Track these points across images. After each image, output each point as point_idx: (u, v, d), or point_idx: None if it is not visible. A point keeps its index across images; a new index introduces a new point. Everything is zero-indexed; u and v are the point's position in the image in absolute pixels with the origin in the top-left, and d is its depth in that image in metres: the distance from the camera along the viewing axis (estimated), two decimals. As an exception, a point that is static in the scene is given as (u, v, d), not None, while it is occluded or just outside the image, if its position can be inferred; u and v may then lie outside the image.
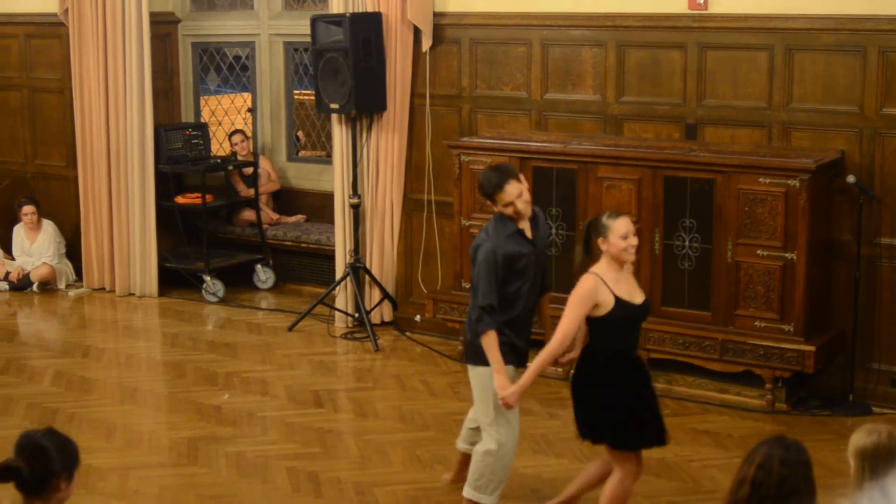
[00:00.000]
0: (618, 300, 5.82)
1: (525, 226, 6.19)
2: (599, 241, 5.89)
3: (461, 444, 6.75)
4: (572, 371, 6.13)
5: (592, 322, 5.91)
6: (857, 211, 7.86)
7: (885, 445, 4.12)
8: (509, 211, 6.13)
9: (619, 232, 5.85)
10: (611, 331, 5.87)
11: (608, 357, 5.91)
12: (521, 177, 6.24)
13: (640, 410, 5.94)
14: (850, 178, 7.82)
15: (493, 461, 6.22)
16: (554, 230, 8.52)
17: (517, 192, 6.12)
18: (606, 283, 5.82)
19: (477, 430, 6.48)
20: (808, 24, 8.00)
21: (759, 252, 7.81)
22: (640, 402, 5.95)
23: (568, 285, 8.41)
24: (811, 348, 7.70)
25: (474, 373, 6.29)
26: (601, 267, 5.89)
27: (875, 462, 4.11)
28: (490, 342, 6.11)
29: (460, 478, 6.60)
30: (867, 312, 8.00)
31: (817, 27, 7.97)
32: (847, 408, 7.94)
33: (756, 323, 7.88)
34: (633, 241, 5.89)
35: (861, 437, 4.18)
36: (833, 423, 7.75)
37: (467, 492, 6.29)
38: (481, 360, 6.20)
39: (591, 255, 5.98)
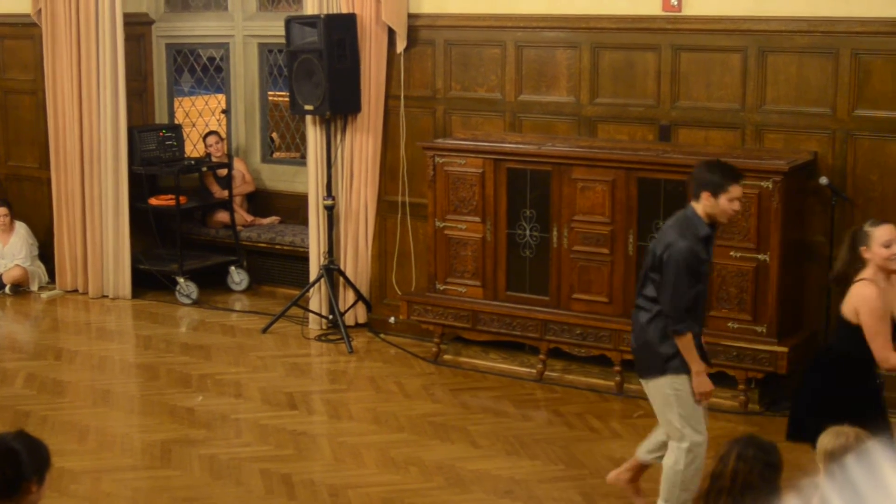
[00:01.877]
0: None
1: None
2: (863, 249, 5.83)
3: (642, 454, 6.43)
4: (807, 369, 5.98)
5: (853, 328, 5.80)
6: (830, 212, 7.89)
7: (854, 448, 4.14)
8: (734, 207, 6.04)
9: (881, 240, 5.77)
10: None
11: (858, 365, 5.83)
12: None
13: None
14: (823, 180, 7.85)
15: (684, 471, 6.05)
16: (528, 232, 8.53)
17: (741, 194, 6.09)
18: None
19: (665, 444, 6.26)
20: (781, 26, 8.03)
21: (732, 254, 7.83)
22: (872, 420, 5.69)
23: (541, 287, 8.47)
24: (784, 349, 7.72)
25: (652, 385, 6.12)
26: (868, 273, 5.81)
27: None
28: (688, 344, 6.00)
29: (624, 481, 6.45)
30: (838, 314, 8.01)
31: (790, 29, 8.00)
32: (820, 409, 7.96)
33: (729, 324, 7.90)
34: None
35: (829, 439, 4.20)
36: (806, 424, 7.77)
37: None
38: (657, 369, 6.06)
39: (854, 264, 5.91)
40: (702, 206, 6.05)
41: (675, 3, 8.37)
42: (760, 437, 4.22)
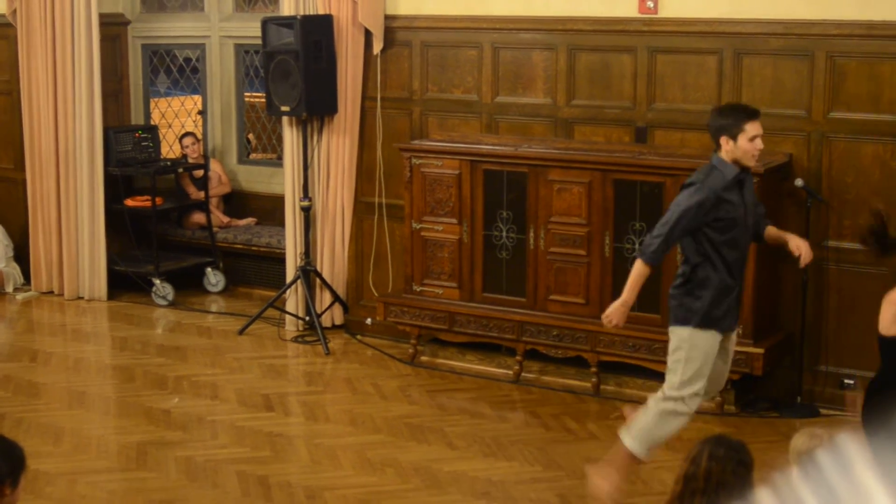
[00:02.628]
0: None
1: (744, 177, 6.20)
2: None
3: None
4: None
5: None
6: (805, 214, 7.92)
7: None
8: (756, 146, 6.17)
9: None
10: None
11: None
12: None
13: None
14: (798, 182, 7.88)
15: (661, 422, 6.24)
16: (505, 233, 8.54)
17: (760, 131, 6.23)
18: None
19: None
20: (757, 29, 8.06)
21: (708, 255, 7.84)
22: None
23: (518, 289, 8.47)
24: (760, 351, 7.74)
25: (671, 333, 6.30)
26: None
27: None
28: (636, 273, 6.18)
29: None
30: (815, 315, 8.06)
31: (766, 31, 8.03)
32: (795, 410, 8.00)
33: (705, 325, 7.90)
34: None
35: (803, 441, 4.21)
36: (781, 425, 7.80)
37: (624, 436, 6.30)
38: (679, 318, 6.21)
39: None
40: (724, 152, 6.19)
41: (651, 5, 8.39)
42: (729, 437, 4.24)
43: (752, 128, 6.17)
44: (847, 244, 7.93)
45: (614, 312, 6.23)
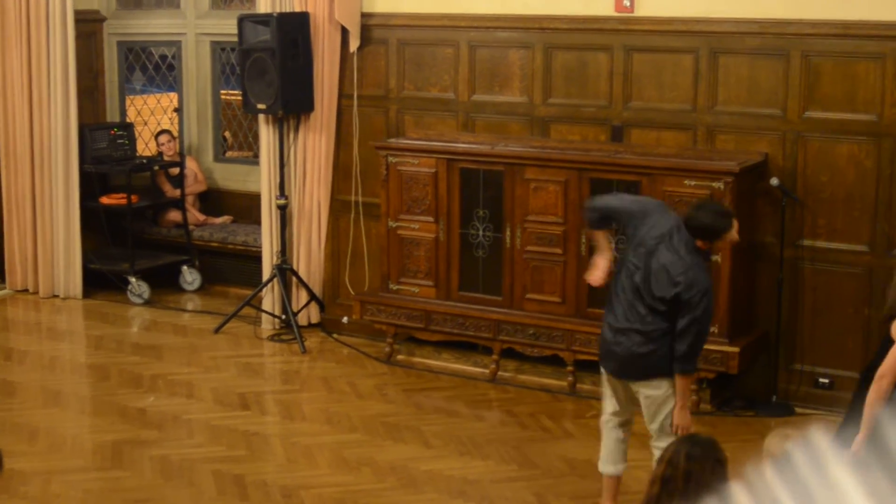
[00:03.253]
0: None
1: None
2: None
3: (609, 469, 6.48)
4: None
5: None
6: (781, 213, 7.95)
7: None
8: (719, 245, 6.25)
9: None
10: None
11: None
12: None
13: None
14: (774, 181, 7.91)
15: None
16: (481, 232, 8.54)
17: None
18: None
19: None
20: (733, 28, 8.07)
21: (684, 254, 7.85)
22: None
23: (494, 287, 8.47)
24: (735, 349, 7.76)
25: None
26: None
27: None
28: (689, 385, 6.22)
29: None
30: (790, 314, 8.09)
31: (741, 31, 8.05)
32: (771, 408, 8.03)
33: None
34: None
35: (775, 443, 4.21)
36: (757, 424, 7.83)
37: None
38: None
39: None
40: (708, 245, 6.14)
41: (628, 4, 8.40)
42: (701, 435, 4.25)
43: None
44: (822, 243, 7.96)
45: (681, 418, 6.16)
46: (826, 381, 8.04)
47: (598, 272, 6.36)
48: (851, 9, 7.72)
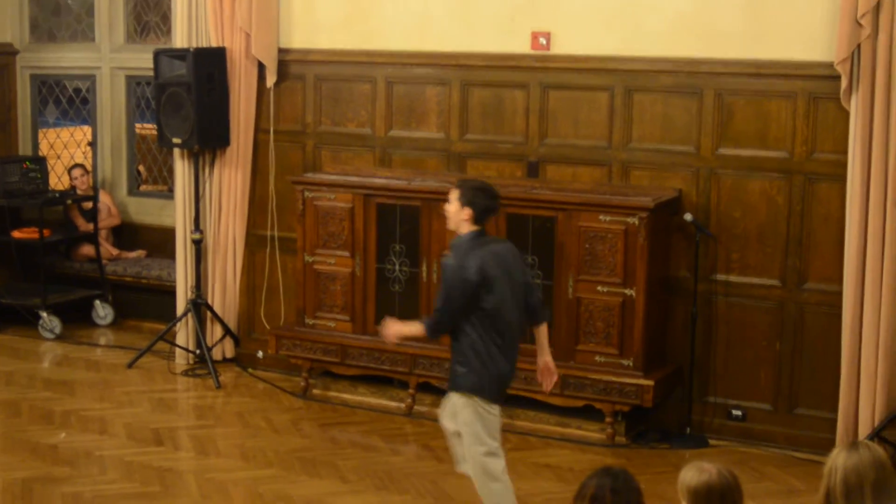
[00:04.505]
0: None
1: None
2: None
3: None
4: None
5: None
6: (694, 248, 8.04)
7: (717, 484, 4.17)
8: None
9: None
10: None
11: None
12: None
13: None
14: (687, 216, 8.01)
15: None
16: (397, 266, 8.54)
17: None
18: None
19: None
20: (647, 66, 8.18)
21: (599, 288, 7.93)
22: None
23: (412, 320, 8.46)
24: (650, 382, 7.83)
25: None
26: None
27: (709, 502, 4.16)
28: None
29: None
30: (704, 347, 8.18)
31: (656, 69, 8.16)
32: (685, 441, 8.09)
33: (596, 358, 7.99)
34: None
35: (692, 476, 4.20)
36: (672, 456, 7.89)
37: None
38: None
39: None
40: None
41: (544, 42, 8.49)
42: (618, 467, 4.26)
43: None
44: (735, 278, 8.06)
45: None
46: (739, 413, 8.13)
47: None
48: (763, 48, 7.86)
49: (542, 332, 6.46)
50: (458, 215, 6.26)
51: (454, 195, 6.28)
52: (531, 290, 6.35)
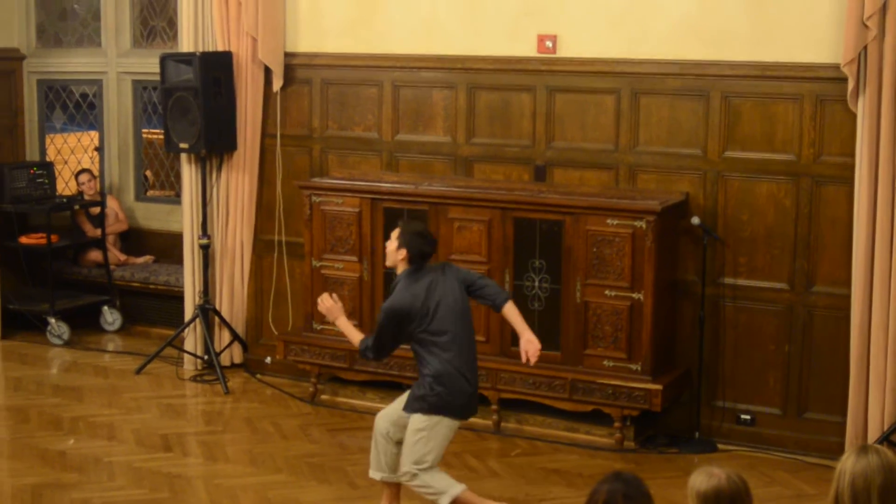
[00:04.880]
0: None
1: None
2: None
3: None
4: None
5: None
6: (702, 251, 8.03)
7: (727, 489, 4.16)
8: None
9: None
10: None
11: None
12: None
13: None
14: (695, 220, 7.99)
15: None
16: (405, 271, 8.53)
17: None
18: None
19: None
20: (654, 69, 8.17)
21: (606, 292, 7.92)
22: None
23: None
24: (658, 387, 7.82)
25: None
26: None
27: None
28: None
29: None
30: (712, 351, 8.16)
31: (662, 72, 8.15)
32: (694, 445, 8.08)
33: (604, 362, 7.98)
34: None
35: (701, 481, 4.19)
36: (680, 461, 7.88)
37: None
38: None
39: None
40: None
41: (550, 45, 8.48)
42: (628, 472, 4.25)
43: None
44: (743, 281, 8.05)
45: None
46: (748, 417, 8.12)
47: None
48: (769, 51, 7.85)
49: (510, 312, 6.71)
50: (395, 255, 6.67)
51: (395, 233, 6.67)
52: (478, 285, 6.69)
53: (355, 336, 6.74)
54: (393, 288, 6.65)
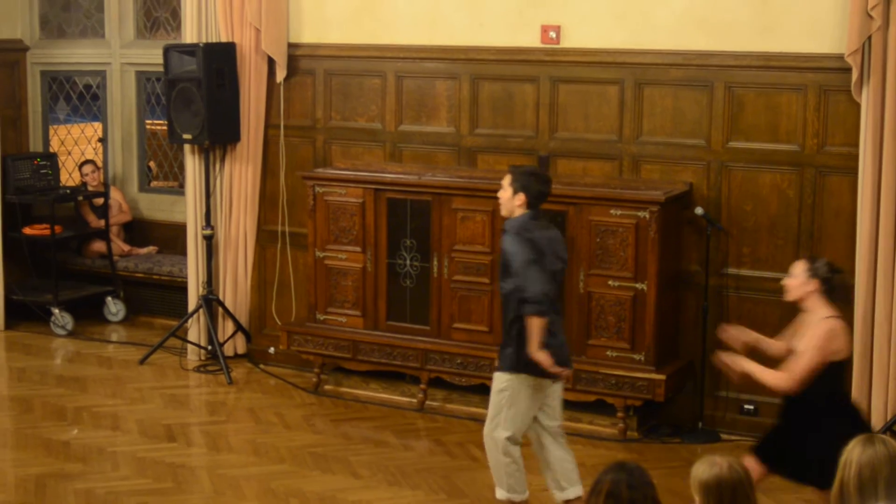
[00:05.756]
0: None
1: None
2: None
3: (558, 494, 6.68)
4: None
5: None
6: (705, 242, 8.03)
7: (728, 478, 4.17)
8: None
9: None
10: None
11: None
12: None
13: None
14: (698, 210, 7.99)
15: None
16: (408, 261, 8.54)
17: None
18: None
19: None
20: (657, 60, 8.17)
21: (610, 283, 7.92)
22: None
23: (422, 317, 8.48)
24: (661, 377, 7.82)
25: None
26: None
27: (720, 496, 4.16)
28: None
29: None
30: (715, 341, 8.13)
31: (666, 62, 8.14)
32: (697, 435, 8.08)
33: (608, 352, 7.98)
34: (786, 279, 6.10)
35: (703, 470, 4.21)
36: (683, 451, 7.88)
37: None
38: None
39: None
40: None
41: (553, 35, 8.47)
42: (632, 462, 4.26)
43: None
44: (746, 271, 8.05)
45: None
46: (751, 407, 8.12)
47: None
48: (773, 41, 7.84)
49: None
50: (511, 202, 6.38)
51: (506, 181, 6.38)
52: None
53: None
54: (511, 237, 6.36)
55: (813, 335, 5.95)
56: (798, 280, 6.07)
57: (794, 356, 6.02)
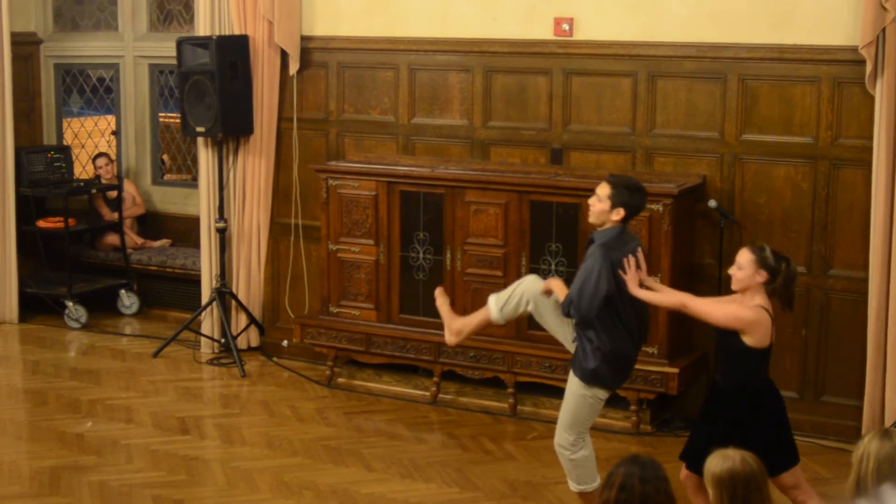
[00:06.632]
0: None
1: None
2: None
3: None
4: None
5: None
6: (719, 235, 8.01)
7: (741, 471, 4.17)
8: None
9: None
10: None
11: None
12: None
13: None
14: (712, 203, 7.98)
15: None
16: (421, 254, 8.54)
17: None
18: None
19: None
20: (671, 52, 8.15)
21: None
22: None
23: (435, 310, 8.46)
24: (675, 370, 7.81)
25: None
26: None
27: (733, 489, 4.17)
28: None
29: None
30: (729, 334, 8.13)
31: (679, 55, 8.13)
32: (710, 428, 8.06)
33: (621, 345, 7.96)
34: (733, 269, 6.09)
35: (716, 463, 4.22)
36: (696, 444, 7.86)
37: None
38: None
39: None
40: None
41: (567, 27, 8.46)
42: (645, 456, 4.26)
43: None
44: (760, 264, 8.02)
45: None
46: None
47: None
48: (787, 33, 7.82)
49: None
50: (607, 214, 6.27)
51: (604, 192, 6.26)
52: None
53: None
54: (597, 248, 6.26)
55: (737, 307, 5.96)
56: (746, 271, 6.04)
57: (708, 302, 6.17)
